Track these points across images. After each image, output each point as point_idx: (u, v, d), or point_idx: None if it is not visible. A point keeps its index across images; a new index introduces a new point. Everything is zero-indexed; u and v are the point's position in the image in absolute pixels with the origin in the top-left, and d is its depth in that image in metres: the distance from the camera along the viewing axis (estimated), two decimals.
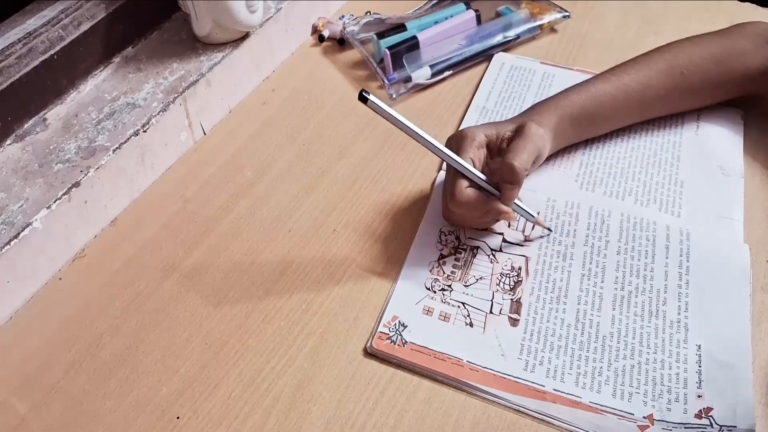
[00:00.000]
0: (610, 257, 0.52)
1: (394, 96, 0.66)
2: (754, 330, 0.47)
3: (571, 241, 0.53)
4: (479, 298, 0.50)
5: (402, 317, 0.49)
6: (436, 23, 0.70)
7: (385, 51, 0.67)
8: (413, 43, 0.68)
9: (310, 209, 0.58)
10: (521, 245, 0.53)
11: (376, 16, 0.74)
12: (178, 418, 0.44)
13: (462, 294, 0.50)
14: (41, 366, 0.48)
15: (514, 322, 0.48)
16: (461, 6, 0.72)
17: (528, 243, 0.53)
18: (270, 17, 0.69)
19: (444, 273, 0.52)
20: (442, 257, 0.53)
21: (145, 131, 0.58)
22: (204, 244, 0.55)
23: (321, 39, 0.75)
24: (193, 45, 0.66)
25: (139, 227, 0.57)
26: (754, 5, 0.76)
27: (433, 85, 0.69)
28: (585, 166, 0.59)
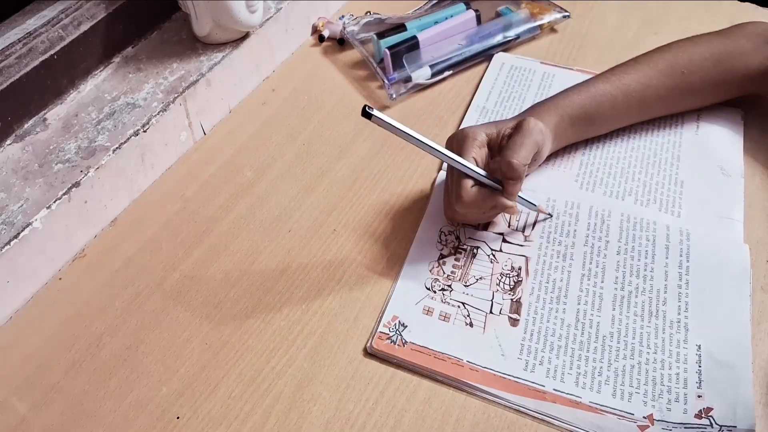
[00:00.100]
0: (610, 257, 0.52)
1: (394, 96, 0.66)
2: (754, 330, 0.47)
3: (571, 241, 0.53)
4: (479, 298, 0.50)
5: (402, 317, 0.49)
6: (436, 23, 0.70)
7: (385, 51, 0.67)
8: (413, 43, 0.68)
9: (310, 209, 0.58)
10: (521, 245, 0.53)
11: (376, 16, 0.74)
12: (178, 418, 0.44)
13: (462, 294, 0.50)
14: (41, 366, 0.48)
15: (514, 322, 0.48)
16: (461, 6, 0.72)
17: (528, 243, 0.53)
18: (270, 17, 0.69)
19: (444, 273, 0.52)
20: (442, 257, 0.53)
21: (145, 131, 0.58)
22: (204, 244, 0.55)
23: (321, 39, 0.75)
24: (193, 45, 0.66)
25: (139, 227, 0.57)
26: (754, 5, 0.76)
27: (433, 85, 0.69)
28: (585, 166, 0.59)
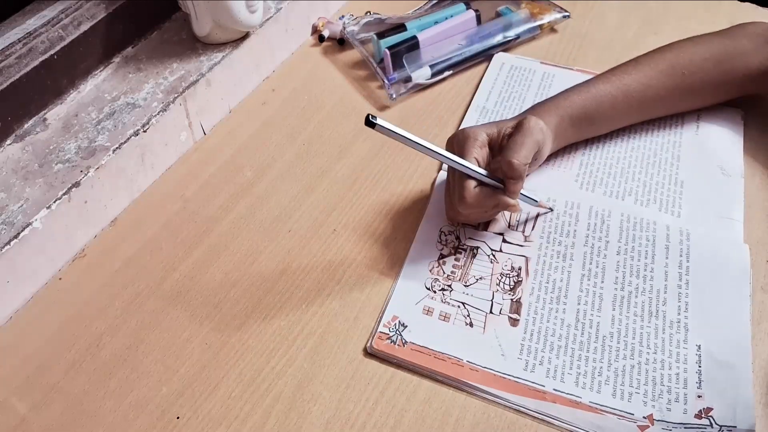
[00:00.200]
0: (610, 257, 0.52)
1: (394, 96, 0.66)
2: (754, 330, 0.47)
3: (571, 242, 0.53)
4: (479, 298, 0.50)
5: (402, 317, 0.49)
6: (436, 23, 0.70)
7: (385, 51, 0.67)
8: (413, 43, 0.68)
9: (310, 209, 0.58)
10: (521, 245, 0.53)
11: (376, 16, 0.74)
12: (178, 418, 0.44)
13: (462, 294, 0.50)
14: (41, 366, 0.48)
15: (514, 322, 0.48)
16: (461, 6, 0.72)
17: (528, 243, 0.53)
18: (270, 17, 0.69)
19: (444, 273, 0.52)
20: (442, 257, 0.53)
21: (145, 131, 0.58)
22: (204, 244, 0.55)
23: (321, 39, 0.75)
24: (193, 45, 0.66)
25: (139, 227, 0.57)
26: (754, 5, 0.76)
27: (433, 85, 0.69)
28: (585, 166, 0.59)
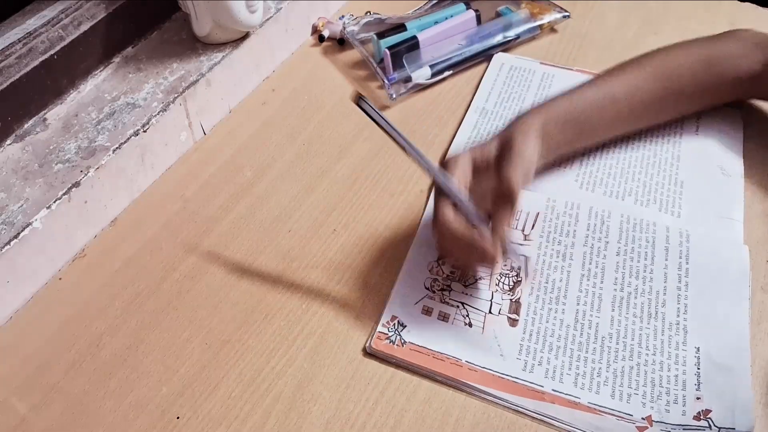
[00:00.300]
0: (609, 258, 0.52)
1: (394, 96, 0.66)
2: (754, 330, 0.47)
3: (571, 242, 0.53)
4: (478, 298, 0.50)
5: (401, 317, 0.49)
6: (436, 23, 0.70)
7: (385, 51, 0.67)
8: (413, 43, 0.68)
9: (310, 209, 0.58)
10: (521, 245, 0.53)
11: (376, 16, 0.74)
12: (178, 418, 0.44)
13: (461, 294, 0.50)
14: (41, 366, 0.48)
15: (513, 322, 0.48)
16: (461, 6, 0.72)
17: (528, 242, 0.53)
18: (270, 17, 0.69)
19: (443, 273, 0.52)
20: (441, 257, 0.53)
21: (145, 131, 0.58)
22: (204, 244, 0.55)
23: (321, 39, 0.75)
24: (193, 45, 0.66)
25: (139, 227, 0.57)
26: (754, 5, 0.76)
27: (433, 85, 0.69)
28: (585, 166, 0.59)
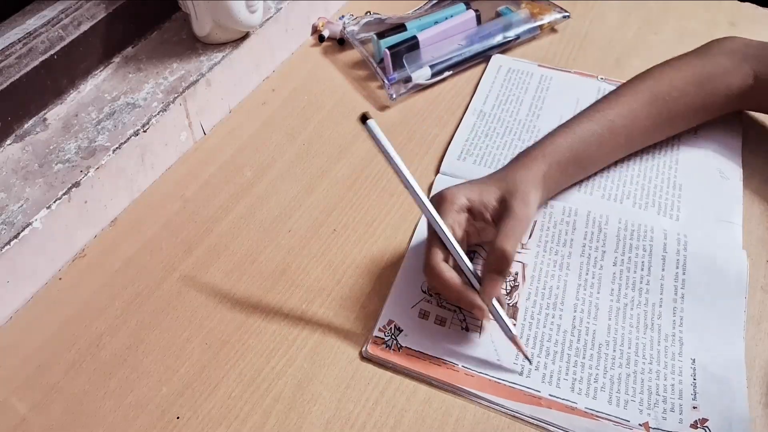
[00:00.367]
0: (606, 269, 0.51)
1: (394, 96, 0.66)
2: (754, 330, 0.47)
3: (568, 251, 0.52)
4: None
5: (398, 321, 0.48)
6: (436, 23, 0.70)
7: (385, 51, 0.67)
8: (413, 43, 0.68)
9: (310, 209, 0.58)
10: (518, 252, 0.52)
11: (376, 16, 0.74)
12: (178, 418, 0.44)
13: None
14: (41, 366, 0.48)
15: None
16: (461, 6, 0.72)
17: (525, 251, 0.53)
18: (270, 17, 0.69)
19: None
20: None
21: (145, 131, 0.58)
22: (204, 244, 0.55)
23: (321, 39, 0.75)
24: (193, 45, 0.66)
25: (139, 227, 0.57)
26: (754, 5, 0.76)
27: (433, 85, 0.69)
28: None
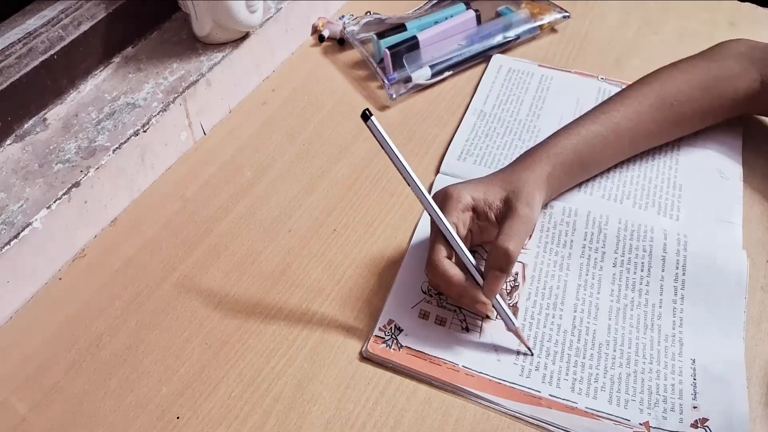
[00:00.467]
0: (606, 269, 0.51)
1: (394, 96, 0.66)
2: (754, 330, 0.47)
3: (568, 252, 0.52)
4: None
5: (398, 321, 0.48)
6: (436, 23, 0.70)
7: (385, 51, 0.67)
8: (413, 43, 0.68)
9: (310, 209, 0.58)
10: (519, 254, 0.52)
11: (376, 16, 0.74)
12: (178, 418, 0.44)
13: None
14: (41, 366, 0.48)
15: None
16: (461, 6, 0.72)
17: (525, 251, 0.52)
18: (270, 17, 0.69)
19: None
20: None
21: (145, 131, 0.58)
22: (204, 244, 0.55)
23: (321, 39, 0.75)
24: (193, 45, 0.66)
25: (139, 227, 0.57)
26: (754, 5, 0.76)
27: (433, 86, 0.69)
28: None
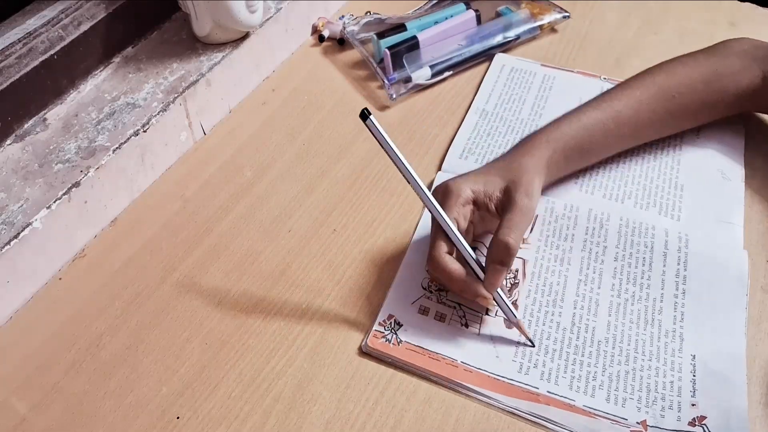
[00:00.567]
0: (607, 263, 0.51)
1: (394, 96, 0.66)
2: (754, 330, 0.47)
3: (569, 246, 0.52)
4: None
5: (398, 316, 0.49)
6: (436, 23, 0.70)
7: (385, 51, 0.67)
8: (413, 43, 0.68)
9: (310, 209, 0.58)
10: (519, 247, 0.53)
11: (376, 16, 0.74)
12: (178, 418, 0.44)
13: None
14: (41, 366, 0.48)
15: (509, 324, 0.48)
16: (461, 6, 0.72)
17: (526, 245, 0.53)
18: (270, 17, 0.69)
19: None
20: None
21: (145, 131, 0.58)
22: (204, 244, 0.55)
23: (321, 39, 0.75)
24: (193, 45, 0.66)
25: (139, 227, 0.57)
26: (754, 5, 0.76)
27: (433, 86, 0.69)
28: (585, 169, 0.58)
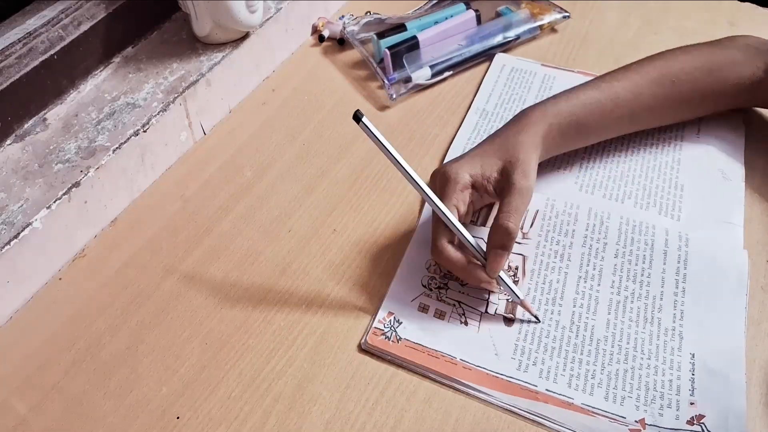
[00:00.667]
0: (607, 260, 0.51)
1: (394, 96, 0.66)
2: (754, 330, 0.47)
3: (569, 242, 0.53)
4: (475, 297, 0.50)
5: (397, 313, 0.49)
6: (436, 23, 0.70)
7: (385, 51, 0.67)
8: (413, 43, 0.68)
9: (310, 209, 0.58)
10: (519, 243, 0.53)
11: (376, 16, 0.74)
12: (178, 418, 0.44)
13: (458, 293, 0.50)
14: (41, 366, 0.48)
15: (509, 322, 0.48)
16: (461, 6, 0.72)
17: (526, 241, 0.53)
18: (270, 17, 0.69)
19: (441, 271, 0.51)
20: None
21: (145, 131, 0.58)
22: (204, 244, 0.55)
23: (321, 39, 0.75)
24: (193, 45, 0.66)
25: (139, 227, 0.57)
26: (754, 5, 0.76)
27: (433, 86, 0.69)
28: (585, 169, 0.58)
